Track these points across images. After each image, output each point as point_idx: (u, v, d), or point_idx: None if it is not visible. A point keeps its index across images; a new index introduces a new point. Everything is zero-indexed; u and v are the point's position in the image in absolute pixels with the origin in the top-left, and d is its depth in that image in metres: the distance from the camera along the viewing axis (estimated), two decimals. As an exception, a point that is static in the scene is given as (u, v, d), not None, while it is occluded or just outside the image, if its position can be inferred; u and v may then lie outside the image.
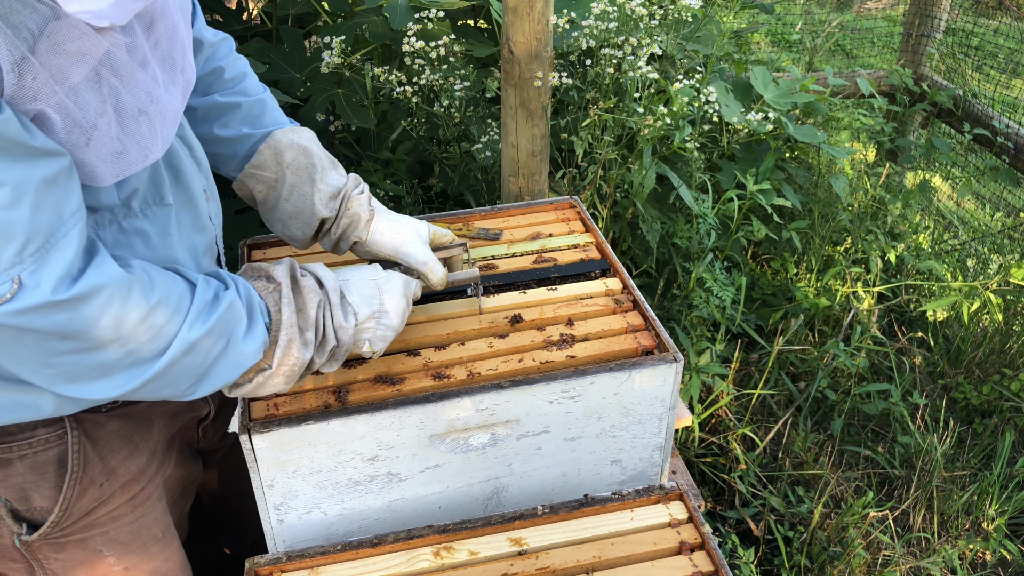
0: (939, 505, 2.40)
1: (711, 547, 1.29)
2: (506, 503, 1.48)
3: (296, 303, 1.18)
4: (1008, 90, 3.97)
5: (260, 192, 1.43)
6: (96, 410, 1.26)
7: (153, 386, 1.06)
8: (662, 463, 1.53)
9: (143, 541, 1.36)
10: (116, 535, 1.32)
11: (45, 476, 1.22)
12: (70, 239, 0.94)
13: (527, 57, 2.02)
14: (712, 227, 2.40)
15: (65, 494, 1.23)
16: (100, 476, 1.27)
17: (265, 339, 1.14)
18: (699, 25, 2.69)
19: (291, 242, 1.45)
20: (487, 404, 1.35)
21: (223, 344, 1.09)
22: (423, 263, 1.42)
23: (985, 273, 3.14)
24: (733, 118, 2.46)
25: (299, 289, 1.19)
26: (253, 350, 1.12)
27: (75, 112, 0.95)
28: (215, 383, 1.12)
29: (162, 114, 1.09)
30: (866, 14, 6.84)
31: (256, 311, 1.14)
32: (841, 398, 2.72)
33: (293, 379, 1.20)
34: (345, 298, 1.25)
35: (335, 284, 1.24)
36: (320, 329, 1.20)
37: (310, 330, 1.19)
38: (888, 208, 3.11)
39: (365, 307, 1.26)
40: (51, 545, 1.28)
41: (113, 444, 1.29)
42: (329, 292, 1.22)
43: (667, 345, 1.43)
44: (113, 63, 0.99)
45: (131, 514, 1.33)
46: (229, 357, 1.10)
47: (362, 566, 1.28)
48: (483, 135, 2.44)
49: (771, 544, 2.34)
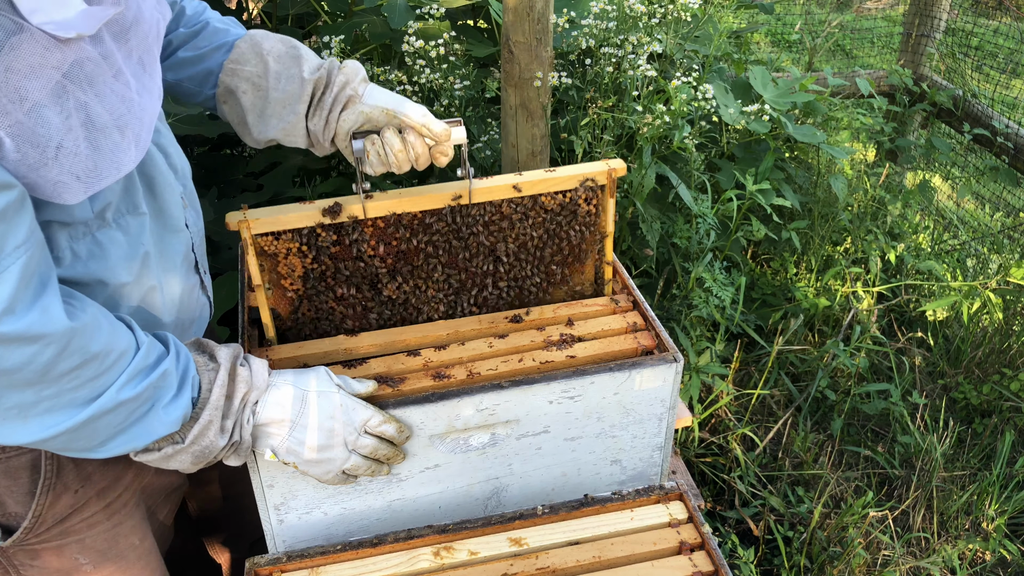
0: (939, 505, 2.40)
1: (711, 547, 1.29)
2: (506, 503, 1.48)
3: (227, 389, 1.16)
4: (1008, 90, 3.97)
5: (246, 94, 1.36)
6: None
7: (66, 438, 1.03)
8: (662, 463, 1.53)
9: (120, 549, 1.33)
10: (92, 543, 1.30)
11: (18, 481, 1.20)
12: (10, 274, 0.90)
13: (527, 57, 2.02)
14: (711, 227, 2.40)
15: (38, 500, 1.21)
16: (74, 483, 1.24)
17: (187, 413, 1.12)
18: (698, 24, 2.69)
19: (287, 141, 1.39)
20: (487, 404, 1.35)
21: (146, 409, 1.08)
22: (422, 115, 1.35)
23: (985, 273, 3.14)
24: (730, 114, 2.46)
25: (235, 376, 1.17)
26: (172, 420, 1.10)
27: (35, 133, 0.91)
28: (127, 445, 1.09)
29: (138, 121, 1.06)
30: (866, 14, 6.84)
31: (188, 384, 1.12)
32: (841, 398, 2.72)
33: (200, 462, 1.17)
34: (262, 399, 1.21)
35: (263, 383, 1.20)
36: (240, 422, 1.18)
37: (231, 419, 1.16)
38: (888, 208, 3.11)
39: (276, 411, 1.21)
40: (26, 552, 1.26)
41: None
42: (259, 389, 1.20)
43: (667, 345, 1.43)
44: (81, 75, 0.95)
45: (107, 521, 1.30)
46: (147, 422, 1.08)
47: (362, 566, 1.28)
48: (483, 135, 2.44)
49: (771, 544, 2.34)
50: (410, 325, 1.52)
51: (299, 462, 1.24)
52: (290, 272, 1.41)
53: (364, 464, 1.28)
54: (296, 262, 1.40)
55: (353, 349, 1.44)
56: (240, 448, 1.20)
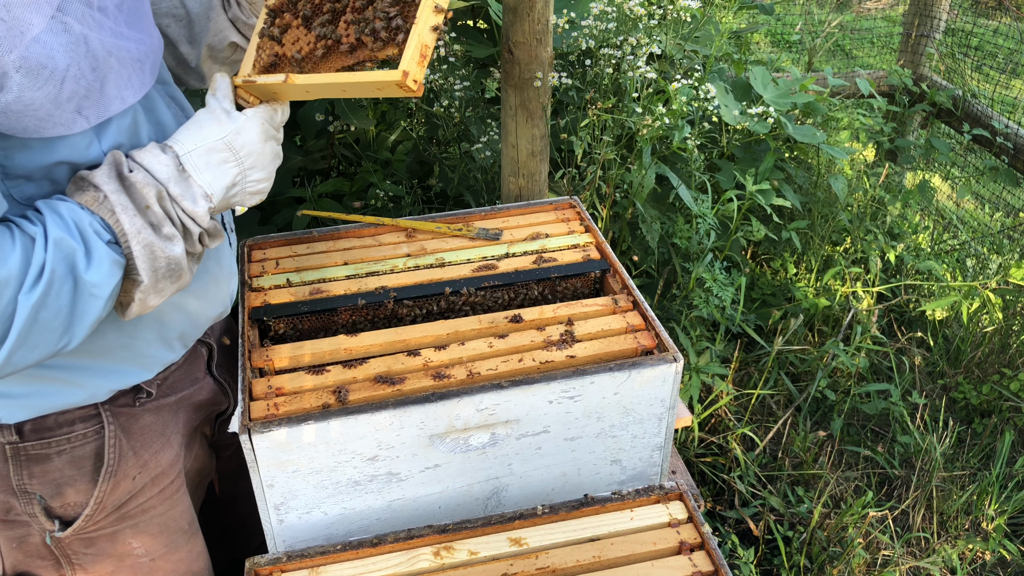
0: (939, 505, 2.40)
1: (711, 547, 1.29)
2: (506, 503, 1.48)
3: (136, 202, 1.06)
4: (1007, 90, 3.97)
5: (170, 27, 1.34)
6: (131, 404, 1.28)
7: (21, 354, 1.00)
8: (662, 463, 1.53)
9: (171, 533, 1.38)
10: (146, 527, 1.34)
11: (82, 471, 1.24)
12: None
13: (527, 57, 2.02)
14: (711, 227, 2.40)
15: (100, 488, 1.25)
16: (133, 469, 1.28)
17: (113, 258, 1.03)
18: (698, 25, 2.69)
19: (219, 42, 1.35)
20: (487, 404, 1.35)
21: (70, 285, 1.01)
22: None
23: (984, 273, 3.14)
24: (732, 115, 2.46)
25: (131, 186, 1.06)
26: (103, 275, 1.02)
27: (40, 63, 0.95)
28: (86, 320, 1.04)
29: (132, 54, 1.08)
30: (866, 14, 6.85)
31: (89, 234, 1.02)
32: (841, 398, 2.72)
33: (180, 274, 1.11)
34: (190, 180, 1.11)
35: (170, 171, 1.10)
36: (174, 221, 1.10)
37: (166, 224, 1.08)
38: (888, 208, 3.11)
39: (219, 181, 1.13)
40: (81, 540, 1.29)
41: (146, 438, 1.30)
42: (166, 183, 1.09)
43: (667, 345, 1.43)
44: (70, 8, 0.99)
45: (160, 506, 1.34)
46: (82, 293, 1.02)
47: (362, 566, 1.28)
48: (483, 135, 2.44)
49: (771, 544, 2.34)
50: (410, 325, 1.52)
51: (262, 197, 1.20)
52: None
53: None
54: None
55: (353, 349, 1.44)
56: (211, 232, 1.14)
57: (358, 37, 1.18)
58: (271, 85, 1.19)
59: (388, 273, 1.63)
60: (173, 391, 1.36)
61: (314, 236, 1.75)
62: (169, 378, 1.35)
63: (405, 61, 1.11)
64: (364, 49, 1.18)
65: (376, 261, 1.67)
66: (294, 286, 1.59)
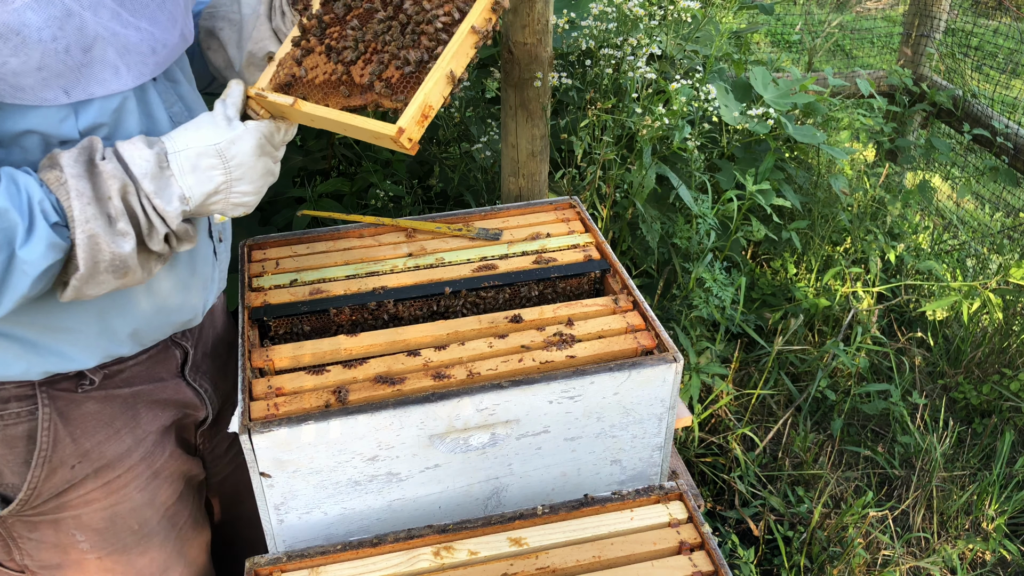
0: (939, 505, 2.40)
1: (711, 547, 1.29)
2: (506, 503, 1.48)
3: (96, 191, 1.04)
4: (1008, 90, 3.97)
5: (223, 30, 1.35)
6: (72, 389, 1.25)
7: None
8: (662, 463, 1.53)
9: (118, 531, 1.35)
10: (89, 520, 1.31)
11: (15, 451, 1.22)
12: None
13: (527, 57, 2.03)
14: (712, 227, 2.40)
15: (33, 472, 1.23)
16: (71, 457, 1.25)
17: (53, 240, 1.01)
18: (698, 25, 2.69)
19: (259, 50, 1.33)
20: (487, 404, 1.35)
21: (6, 255, 1.00)
22: None
23: (985, 273, 3.14)
24: (732, 115, 2.46)
25: (97, 174, 1.04)
26: (37, 256, 1.01)
27: (16, 31, 0.96)
28: (13, 295, 1.03)
29: (129, 44, 1.08)
30: (866, 14, 6.85)
31: (37, 212, 1.01)
32: (841, 398, 2.72)
33: (125, 271, 1.08)
34: (171, 179, 1.09)
35: (148, 167, 1.07)
36: (138, 216, 1.07)
37: (122, 220, 1.05)
38: (888, 208, 3.11)
39: (201, 186, 1.11)
40: (24, 523, 1.28)
41: (88, 426, 1.28)
42: (140, 178, 1.06)
43: (667, 345, 1.43)
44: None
45: (104, 500, 1.31)
46: (14, 267, 1.00)
47: (362, 566, 1.28)
48: (483, 135, 2.44)
49: (771, 544, 2.34)
50: (410, 325, 1.52)
51: (247, 210, 1.18)
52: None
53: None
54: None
55: (353, 349, 1.44)
56: (156, 231, 1.09)
57: (371, 81, 1.18)
58: (279, 104, 1.20)
59: (388, 273, 1.63)
60: (128, 384, 1.33)
61: (314, 236, 1.75)
62: (125, 371, 1.32)
63: (404, 118, 1.11)
64: (372, 93, 1.18)
65: (376, 261, 1.67)
66: (294, 286, 1.59)
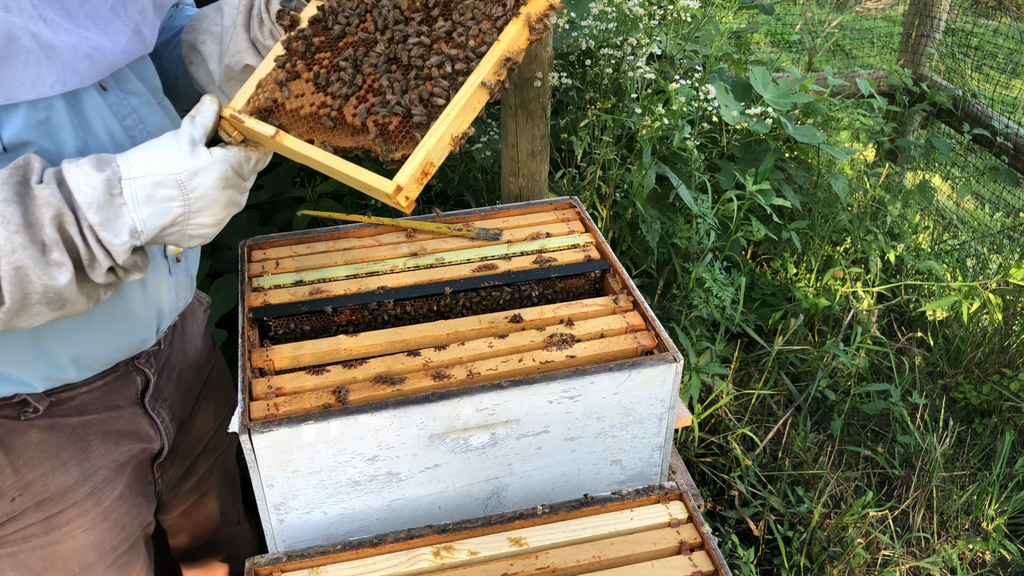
0: (939, 505, 2.40)
1: (711, 547, 1.29)
2: (506, 503, 1.48)
3: (27, 217, 0.94)
4: (1008, 90, 3.97)
5: (205, 44, 1.27)
6: (14, 416, 1.18)
7: None
8: (662, 463, 1.53)
9: (57, 572, 1.26)
10: (26, 559, 1.23)
11: None
12: None
13: (527, 57, 2.02)
14: (712, 227, 2.40)
15: None
16: (12, 490, 1.18)
17: None
18: (698, 25, 2.69)
19: (235, 62, 1.25)
20: (487, 404, 1.35)
21: None
22: None
23: (985, 273, 3.14)
24: (732, 115, 2.46)
25: (31, 199, 0.95)
26: None
27: None
28: None
29: (49, 48, 1.01)
30: (866, 14, 6.85)
31: None
32: (841, 398, 2.72)
33: (62, 303, 0.99)
34: (123, 210, 0.99)
35: (95, 195, 0.97)
36: (77, 246, 0.98)
37: (56, 249, 0.96)
38: (888, 208, 3.11)
39: (156, 220, 1.01)
40: None
41: (32, 456, 1.20)
42: (84, 208, 0.97)
43: (667, 345, 1.43)
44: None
45: (43, 537, 1.23)
46: None
47: (362, 566, 1.28)
48: (483, 135, 2.44)
49: (771, 544, 2.34)
50: (410, 325, 1.52)
51: (204, 241, 1.09)
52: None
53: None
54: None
55: (353, 349, 1.44)
56: (99, 263, 1.00)
57: (363, 121, 1.06)
58: (258, 132, 1.08)
59: (388, 273, 1.63)
60: (77, 412, 1.25)
61: (314, 236, 1.75)
62: (76, 398, 1.24)
63: (403, 175, 0.99)
64: (364, 137, 1.05)
65: (376, 261, 1.67)
66: (294, 286, 1.59)
